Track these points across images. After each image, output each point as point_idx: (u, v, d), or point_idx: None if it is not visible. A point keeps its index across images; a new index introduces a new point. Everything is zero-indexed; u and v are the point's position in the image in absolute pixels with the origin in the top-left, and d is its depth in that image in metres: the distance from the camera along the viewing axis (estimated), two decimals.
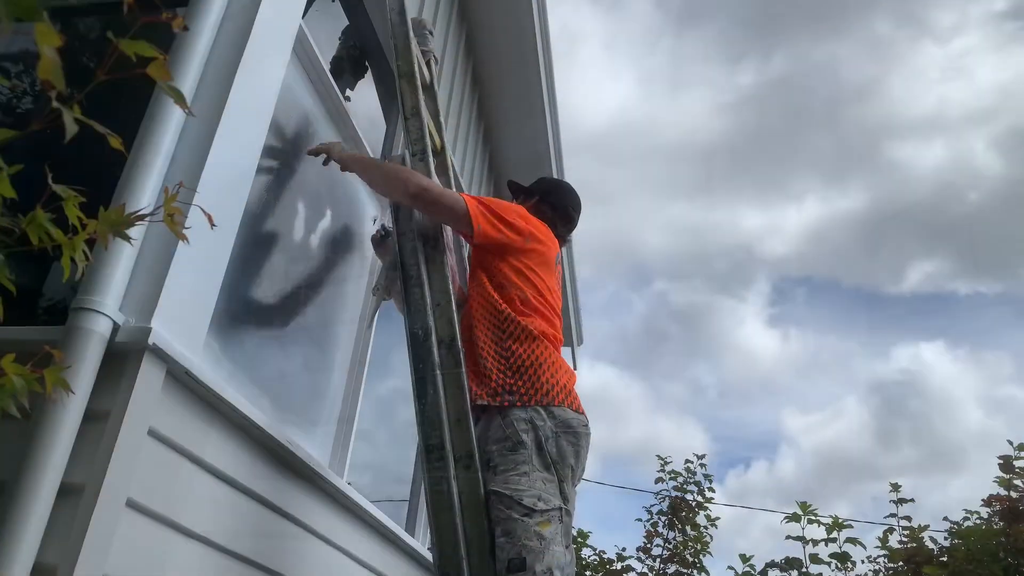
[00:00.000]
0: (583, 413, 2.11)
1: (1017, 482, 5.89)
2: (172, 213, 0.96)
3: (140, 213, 0.93)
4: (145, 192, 1.56)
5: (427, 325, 2.08)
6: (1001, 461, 5.94)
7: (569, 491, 2.00)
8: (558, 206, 2.57)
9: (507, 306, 2.15)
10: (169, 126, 1.64)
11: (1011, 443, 6.00)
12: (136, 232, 1.47)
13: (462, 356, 2.06)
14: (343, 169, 2.37)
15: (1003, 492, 5.90)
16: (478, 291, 2.22)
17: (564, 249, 2.61)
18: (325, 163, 2.40)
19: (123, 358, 1.48)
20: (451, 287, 2.16)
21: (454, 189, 2.72)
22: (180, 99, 0.83)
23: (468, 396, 2.00)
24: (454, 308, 2.12)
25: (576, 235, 2.72)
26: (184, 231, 0.99)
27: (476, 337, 2.14)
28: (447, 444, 1.94)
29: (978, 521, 6.14)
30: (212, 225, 1.07)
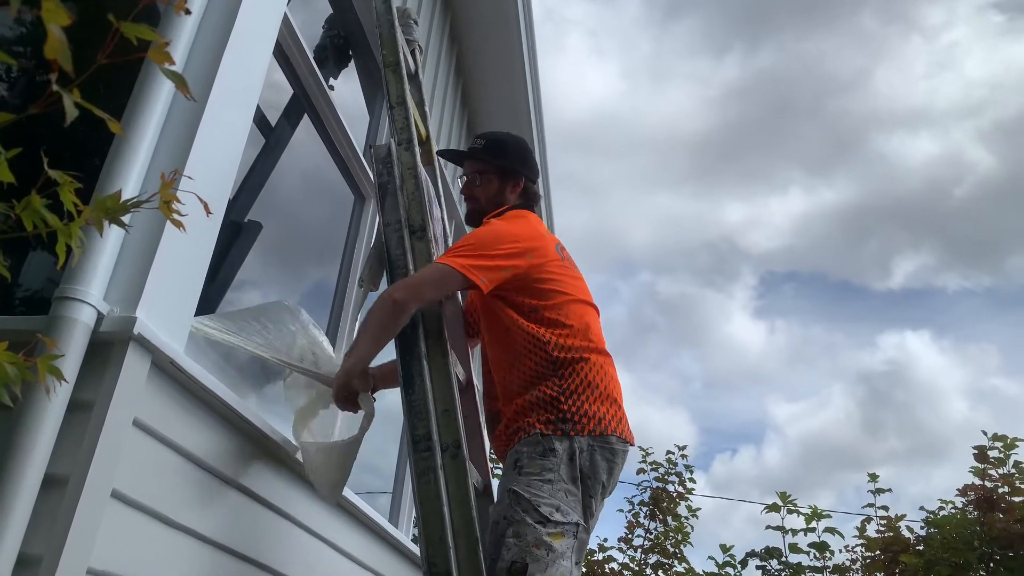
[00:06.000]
0: (627, 439, 2.02)
1: (992, 472, 5.98)
2: (168, 200, 0.94)
3: (137, 200, 0.92)
4: (131, 178, 1.53)
5: (414, 315, 2.07)
6: (976, 451, 6.03)
7: (596, 506, 1.94)
8: (535, 179, 2.41)
9: (548, 332, 2.04)
10: (154, 111, 1.61)
11: (985, 433, 6.10)
12: None
13: (449, 347, 2.05)
14: (365, 388, 2.03)
15: (978, 482, 6.00)
16: (513, 327, 2.09)
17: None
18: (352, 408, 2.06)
19: (107, 348, 1.46)
20: None
21: (439, 179, 2.69)
22: (182, 84, 0.82)
23: (456, 385, 2.00)
24: (441, 299, 2.11)
25: (560, 225, 2.63)
26: (178, 219, 0.98)
27: (521, 373, 2.05)
28: (434, 434, 1.93)
29: (953, 510, 6.23)
30: (208, 213, 1.06)
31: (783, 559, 6.46)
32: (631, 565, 7.20)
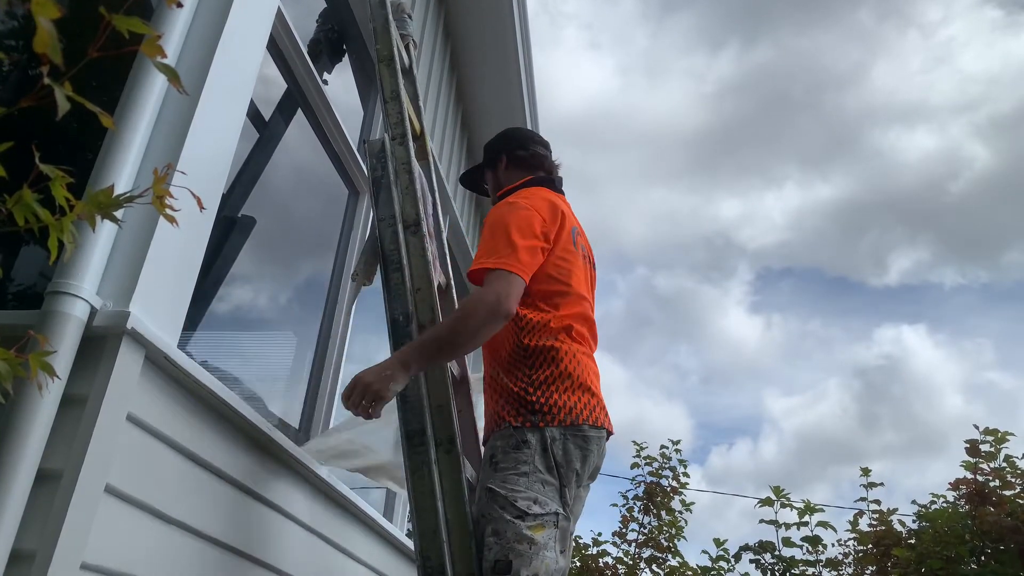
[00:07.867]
0: (603, 426, 2.00)
1: (983, 466, 6.01)
2: (161, 195, 0.94)
3: (130, 195, 0.91)
4: (123, 173, 1.53)
5: (407, 310, 2.07)
6: (968, 446, 6.05)
7: (571, 495, 1.92)
8: (518, 146, 2.41)
9: (525, 316, 2.03)
10: (147, 106, 1.61)
11: (977, 428, 6.12)
12: None
13: None
14: (403, 378, 1.86)
15: (969, 476, 6.02)
16: None
17: None
18: (373, 413, 1.84)
19: (101, 343, 1.46)
20: (432, 273, 2.15)
21: (433, 174, 2.69)
22: (175, 78, 0.81)
23: (451, 380, 2.00)
24: (435, 294, 2.11)
25: None
26: (171, 214, 0.97)
27: (499, 353, 2.05)
28: (428, 429, 1.93)
29: (945, 504, 6.25)
30: (201, 208, 1.05)
31: (776, 553, 6.48)
32: (625, 559, 7.22)
